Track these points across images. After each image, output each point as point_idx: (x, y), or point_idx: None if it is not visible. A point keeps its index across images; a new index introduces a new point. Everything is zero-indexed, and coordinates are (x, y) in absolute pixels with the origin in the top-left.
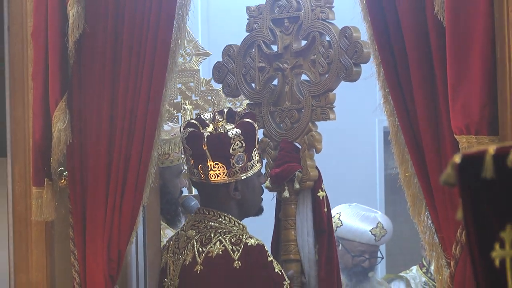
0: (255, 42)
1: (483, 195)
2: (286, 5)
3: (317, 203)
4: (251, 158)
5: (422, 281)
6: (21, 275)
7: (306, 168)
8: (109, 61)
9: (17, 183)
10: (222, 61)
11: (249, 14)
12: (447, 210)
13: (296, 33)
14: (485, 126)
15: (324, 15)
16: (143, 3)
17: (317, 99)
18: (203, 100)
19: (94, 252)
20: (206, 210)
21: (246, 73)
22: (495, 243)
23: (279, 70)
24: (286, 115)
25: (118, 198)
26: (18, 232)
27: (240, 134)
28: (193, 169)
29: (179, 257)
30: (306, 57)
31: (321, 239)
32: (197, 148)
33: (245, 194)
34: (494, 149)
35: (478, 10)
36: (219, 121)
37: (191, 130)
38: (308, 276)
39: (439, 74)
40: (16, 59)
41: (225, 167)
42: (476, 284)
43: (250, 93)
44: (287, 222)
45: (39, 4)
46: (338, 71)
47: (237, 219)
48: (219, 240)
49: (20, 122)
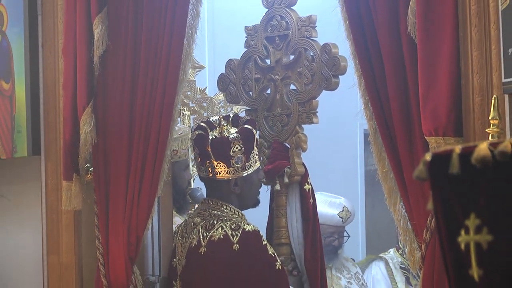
0: (252, 57)
1: (450, 188)
2: (277, 25)
3: (304, 195)
4: (250, 159)
5: (398, 261)
6: (52, 257)
7: (294, 165)
8: (128, 72)
9: (50, 178)
10: (225, 73)
11: (247, 32)
12: (418, 201)
13: (286, 49)
14: (451, 129)
15: (308, 34)
16: (158, 23)
17: (302, 105)
18: (199, 107)
19: (115, 237)
20: (210, 200)
21: (244, 83)
22: (460, 230)
23: (271, 81)
24: (277, 119)
25: (136, 191)
26: (50, 220)
27: (239, 139)
28: (200, 166)
29: (186, 240)
30: (294, 69)
31: (307, 226)
32: (202, 149)
33: (243, 188)
34: (460, 149)
35: (445, 29)
36: (224, 125)
37: (199, 132)
38: (299, 257)
39: (412, 84)
40: (49, 71)
41: (226, 166)
42: (444, 265)
43: (248, 100)
44: (278, 211)
45: (69, 24)
46: (320, 82)
47: (237, 209)
48: (221, 226)
49: (52, 125)
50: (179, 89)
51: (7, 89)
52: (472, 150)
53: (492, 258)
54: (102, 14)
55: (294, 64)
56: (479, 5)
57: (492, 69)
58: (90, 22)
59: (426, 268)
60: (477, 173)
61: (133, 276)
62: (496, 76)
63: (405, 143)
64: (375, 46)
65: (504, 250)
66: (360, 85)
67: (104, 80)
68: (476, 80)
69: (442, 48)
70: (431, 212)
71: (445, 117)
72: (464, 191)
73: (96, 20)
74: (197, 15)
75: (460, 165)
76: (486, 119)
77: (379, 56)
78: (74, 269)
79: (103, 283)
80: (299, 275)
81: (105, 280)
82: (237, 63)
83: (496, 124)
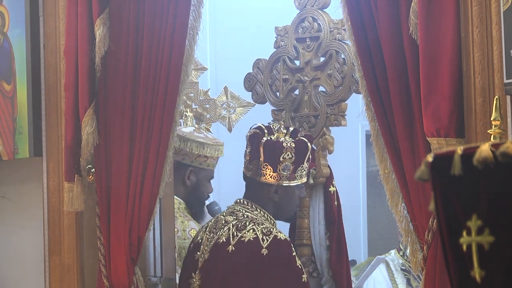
0: (281, 57)
1: (452, 189)
2: (308, 27)
3: (328, 197)
4: (297, 171)
5: (399, 263)
6: (54, 258)
7: (320, 167)
8: (130, 73)
9: (51, 179)
10: (252, 73)
11: (277, 33)
12: (420, 202)
13: (316, 51)
14: (453, 130)
15: (340, 36)
16: (159, 24)
17: (331, 107)
18: (202, 108)
19: (117, 237)
20: (246, 201)
21: (272, 83)
22: (462, 231)
23: (300, 82)
24: (304, 120)
25: (138, 192)
26: (52, 221)
27: (293, 148)
28: (248, 164)
29: (214, 236)
30: (324, 71)
31: (332, 228)
32: (255, 147)
33: (282, 199)
34: (462, 150)
35: (447, 30)
36: (282, 132)
37: (256, 131)
38: (319, 259)
39: (413, 86)
40: (51, 72)
41: (272, 170)
42: (446, 266)
43: (275, 100)
44: (301, 212)
45: (70, 26)
46: (350, 84)
47: (270, 215)
48: (253, 228)
49: (54, 126)
50: (181, 90)
51: (8, 90)
52: (474, 151)
53: (494, 259)
54: (103, 15)
55: (324, 66)
56: (481, 6)
57: (494, 70)
58: (91, 23)
59: (428, 269)
60: (478, 174)
61: (135, 277)
62: (498, 77)
63: (407, 144)
64: (377, 47)
65: (505, 251)
66: (362, 86)
67: (105, 81)
68: (478, 81)
69: (444, 49)
70: (432, 213)
71: (447, 118)
72: (465, 192)
73: (97, 21)
74: (198, 16)
75: (462, 166)
76: (488, 120)
77: (381, 57)
78: (75, 270)
79: (105, 284)
80: (319, 277)
81: (107, 281)
82: (265, 63)
83: (498, 125)
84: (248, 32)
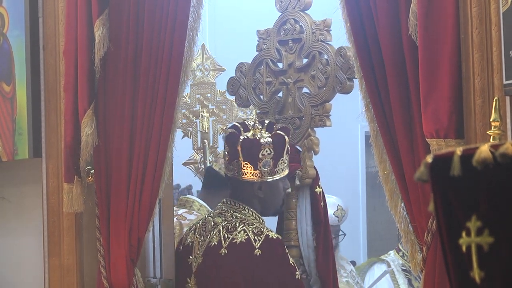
0: (264, 60)
1: (451, 190)
2: (290, 29)
3: (314, 198)
4: (278, 165)
5: (399, 263)
6: (54, 259)
7: (306, 168)
8: (129, 75)
9: (51, 180)
10: (235, 76)
11: (259, 36)
12: (419, 203)
13: (299, 52)
14: (452, 131)
15: (322, 37)
16: (159, 25)
17: (315, 108)
18: (219, 109)
19: (117, 238)
20: (233, 201)
21: (255, 86)
22: (462, 232)
23: (283, 84)
24: (289, 122)
25: (137, 193)
26: (51, 222)
27: (270, 143)
28: (228, 164)
29: (205, 239)
30: (307, 72)
31: (318, 228)
32: (232, 147)
33: (267, 194)
34: (461, 151)
35: (446, 31)
36: (258, 128)
37: (231, 131)
38: (307, 260)
39: (413, 86)
40: (50, 73)
41: (252, 167)
42: (445, 267)
43: (259, 103)
44: (288, 214)
45: (70, 27)
46: (334, 85)
47: (258, 214)
48: (243, 229)
49: (53, 127)
50: (180, 91)
51: (8, 91)
52: (473, 152)
53: (493, 260)
54: (103, 16)
55: (307, 67)
56: (480, 7)
57: (493, 71)
58: (91, 25)
59: (427, 270)
60: (478, 175)
61: (135, 278)
62: (497, 78)
63: (406, 145)
64: (376, 48)
65: (505, 252)
66: (361, 87)
67: (105, 82)
68: (477, 82)
69: (443, 50)
70: (432, 214)
71: (446, 119)
72: (465, 193)
73: (97, 22)
74: (198, 18)
75: (461, 167)
76: (487, 121)
77: (380, 58)
78: (75, 271)
79: (104, 285)
80: (308, 278)
81: (107, 282)
82: (248, 67)
83: (497, 126)
84: (248, 33)
